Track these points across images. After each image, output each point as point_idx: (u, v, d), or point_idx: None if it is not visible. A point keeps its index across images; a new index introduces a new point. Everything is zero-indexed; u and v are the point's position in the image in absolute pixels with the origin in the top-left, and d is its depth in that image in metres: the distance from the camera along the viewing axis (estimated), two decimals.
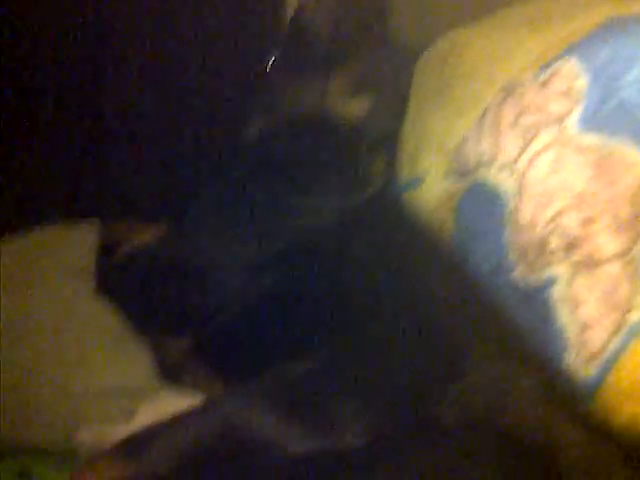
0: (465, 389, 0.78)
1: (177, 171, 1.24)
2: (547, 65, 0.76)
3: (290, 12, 1.21)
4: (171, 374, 1.03)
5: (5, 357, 0.94)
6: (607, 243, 0.66)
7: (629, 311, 0.64)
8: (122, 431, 0.87)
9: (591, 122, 0.71)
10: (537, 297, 0.70)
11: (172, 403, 0.92)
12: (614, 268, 0.66)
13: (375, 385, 0.85)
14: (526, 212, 0.72)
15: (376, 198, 1.07)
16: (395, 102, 1.11)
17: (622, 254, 0.66)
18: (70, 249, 1.14)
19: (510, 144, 0.76)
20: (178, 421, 0.83)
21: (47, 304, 1.02)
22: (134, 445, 0.81)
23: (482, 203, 0.77)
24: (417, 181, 0.85)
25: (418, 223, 0.85)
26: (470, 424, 0.76)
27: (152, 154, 1.28)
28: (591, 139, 0.70)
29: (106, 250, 1.17)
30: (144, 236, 1.18)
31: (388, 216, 0.97)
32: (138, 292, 1.10)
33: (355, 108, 1.09)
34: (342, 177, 1.10)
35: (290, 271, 1.08)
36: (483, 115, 0.80)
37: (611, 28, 0.75)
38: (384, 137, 1.12)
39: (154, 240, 1.17)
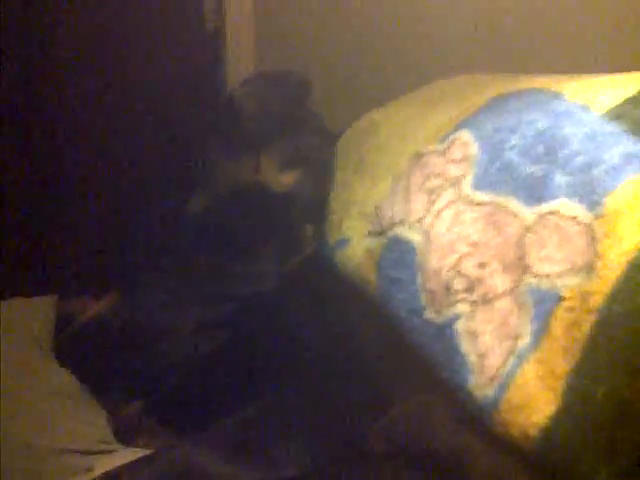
0: (391, 419, 0.88)
1: (125, 243, 1.32)
2: (445, 137, 0.90)
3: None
4: (125, 436, 1.09)
5: None
6: (498, 282, 0.78)
7: (518, 338, 0.75)
8: None
9: (482, 181, 0.84)
10: (445, 332, 0.80)
11: (127, 460, 0.96)
12: (505, 303, 0.77)
13: (312, 424, 0.94)
14: (433, 261, 0.84)
15: (309, 260, 1.17)
16: (320, 174, 1.23)
17: (511, 291, 0.77)
18: (30, 321, 1.22)
19: (418, 204, 0.88)
20: (136, 463, 0.89)
21: (9, 370, 1.08)
22: None
23: (398, 256, 0.88)
24: (344, 242, 0.96)
25: (347, 278, 0.95)
26: (396, 450, 0.85)
27: (101, 228, 1.38)
28: (482, 196, 0.83)
29: (63, 322, 1.25)
30: (97, 307, 1.25)
31: (321, 275, 1.07)
32: (92, 359, 1.17)
33: (284, 180, 1.20)
34: (277, 242, 1.20)
35: (235, 331, 1.16)
36: (395, 182, 0.92)
37: (496, 105, 0.89)
38: (312, 205, 1.23)
39: (106, 310, 1.24)
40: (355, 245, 0.95)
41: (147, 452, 0.99)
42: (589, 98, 0.82)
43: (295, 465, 0.88)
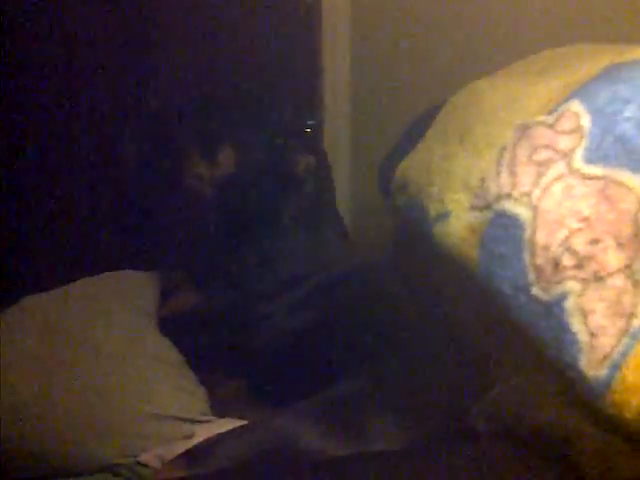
0: (493, 399, 0.86)
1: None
2: (555, 108, 0.87)
3: None
4: (224, 411, 1.12)
5: (79, 384, 1.04)
6: (611, 259, 0.75)
7: (632, 318, 0.72)
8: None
9: (594, 154, 0.80)
10: (553, 310, 0.78)
11: (226, 429, 0.98)
12: (618, 281, 0.74)
13: (409, 402, 0.93)
14: (541, 236, 0.81)
15: (402, 234, 1.16)
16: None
17: (625, 268, 0.74)
18: (138, 292, 1.26)
19: (525, 178, 0.85)
20: (232, 433, 0.91)
21: (117, 336, 1.12)
22: (194, 454, 0.90)
23: (503, 231, 0.86)
24: (445, 215, 0.94)
25: (446, 252, 0.94)
26: (499, 430, 0.84)
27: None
28: (594, 170, 0.80)
29: (165, 296, 1.28)
30: (183, 295, 1.28)
31: (417, 249, 1.06)
32: (190, 338, 1.20)
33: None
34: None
35: (326, 310, 1.17)
36: (500, 154, 0.89)
37: (609, 74, 0.85)
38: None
39: (193, 300, 1.27)
40: (457, 219, 0.93)
41: (245, 423, 1.01)
42: None
43: (390, 441, 0.88)
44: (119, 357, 1.10)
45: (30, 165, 1.40)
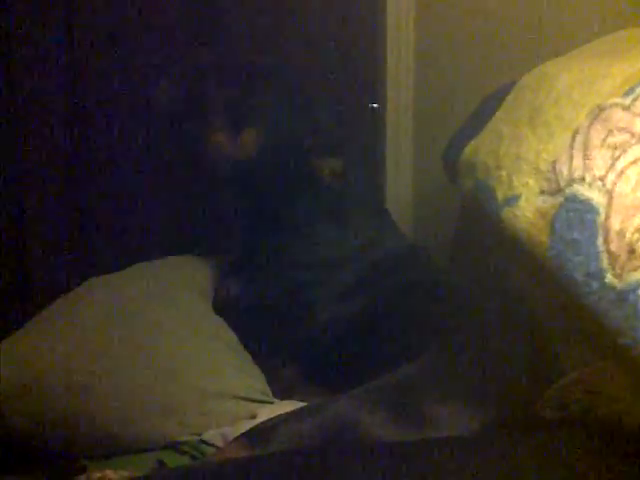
0: (563, 387, 0.84)
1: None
2: (631, 90, 0.84)
3: None
4: (282, 395, 1.12)
5: (143, 363, 1.05)
6: None
7: None
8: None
9: None
10: (628, 297, 0.76)
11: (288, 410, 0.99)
12: None
13: (475, 387, 0.92)
14: (616, 222, 0.79)
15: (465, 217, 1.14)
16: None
17: None
18: (198, 276, 1.27)
19: (599, 161, 0.83)
20: (295, 415, 0.91)
21: (176, 318, 1.14)
22: (257, 434, 0.90)
23: (576, 215, 0.83)
24: (514, 199, 0.93)
25: (515, 236, 0.92)
26: (569, 419, 0.82)
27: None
28: None
29: (221, 279, 1.29)
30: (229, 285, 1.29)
31: (484, 232, 1.04)
32: (247, 325, 1.20)
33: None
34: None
35: (379, 293, 1.16)
36: (573, 137, 0.87)
37: None
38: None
39: (238, 290, 1.27)
40: (527, 202, 0.91)
41: (307, 405, 1.01)
42: None
43: (453, 428, 0.87)
44: (181, 336, 1.11)
45: (95, 152, 1.42)
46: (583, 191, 0.83)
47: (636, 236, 0.77)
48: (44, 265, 1.39)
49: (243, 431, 0.92)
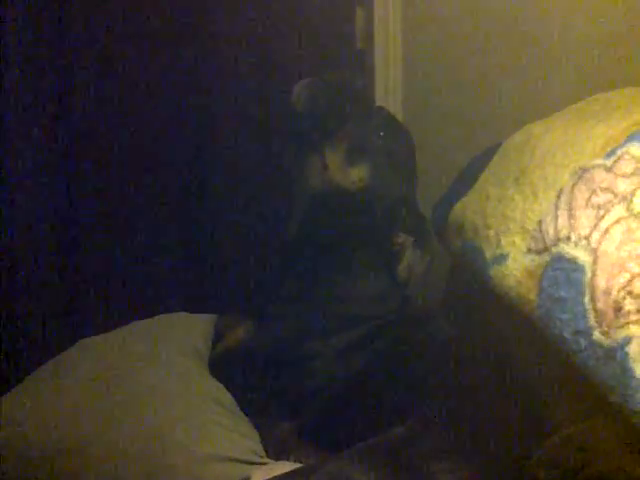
0: (555, 446, 0.85)
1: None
2: (612, 152, 0.86)
3: None
4: (276, 453, 1.11)
5: (134, 425, 1.05)
6: None
7: None
8: None
9: None
10: (616, 355, 0.77)
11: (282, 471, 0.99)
12: None
13: (467, 445, 0.92)
14: (602, 280, 0.80)
15: (456, 276, 1.16)
16: (394, 165, 1.21)
17: None
18: (191, 334, 1.27)
19: (584, 221, 0.85)
20: (294, 474, 0.91)
21: (171, 377, 1.13)
22: None
23: (562, 274, 0.85)
24: (502, 258, 0.94)
25: (503, 295, 0.93)
26: (560, 477, 0.82)
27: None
28: None
29: (217, 338, 1.30)
30: (239, 332, 1.29)
31: (472, 292, 1.05)
32: (240, 381, 1.20)
33: (354, 175, 1.19)
34: (381, 254, 1.19)
35: (375, 352, 1.16)
36: (558, 197, 0.89)
37: None
38: (395, 201, 1.21)
39: (248, 336, 1.28)
40: (514, 261, 0.93)
41: (301, 466, 1.00)
42: None
43: None
44: (173, 398, 1.10)
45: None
46: (569, 250, 0.85)
47: (622, 294, 0.78)
48: (34, 326, 1.38)
49: None
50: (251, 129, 1.48)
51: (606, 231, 0.82)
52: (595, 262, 0.82)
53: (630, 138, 0.86)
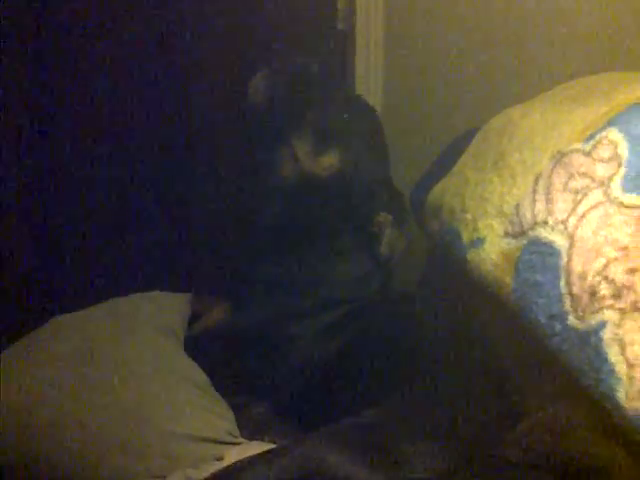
0: (527, 429, 0.85)
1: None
2: (591, 136, 0.86)
3: None
4: (250, 433, 1.11)
5: (108, 404, 1.04)
6: None
7: None
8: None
9: (632, 184, 0.80)
10: (590, 340, 0.77)
11: (256, 452, 0.98)
12: None
13: (441, 427, 0.92)
14: (578, 264, 0.81)
15: (430, 258, 1.16)
16: (368, 148, 1.20)
17: None
18: (167, 313, 1.26)
19: (561, 205, 0.85)
20: (262, 457, 0.91)
21: (146, 356, 1.13)
22: (223, 477, 0.89)
23: (539, 258, 0.85)
24: (479, 241, 0.94)
25: (479, 278, 0.93)
26: (532, 461, 0.83)
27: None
28: (633, 199, 0.79)
29: (194, 318, 1.29)
30: (216, 313, 1.29)
31: (449, 275, 1.05)
32: (216, 362, 1.20)
33: (326, 162, 1.18)
34: (361, 235, 1.19)
35: (353, 334, 1.16)
36: (536, 181, 0.89)
37: None
38: (373, 183, 1.21)
39: (225, 317, 1.27)
40: (491, 245, 0.92)
41: (274, 446, 1.00)
42: None
43: (425, 467, 0.87)
44: (147, 377, 1.10)
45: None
46: (546, 234, 0.85)
47: (597, 279, 0.79)
48: (7, 303, 1.37)
49: (209, 474, 0.92)
50: (230, 118, 1.46)
51: (583, 216, 0.82)
52: (571, 246, 0.82)
53: (609, 123, 0.86)
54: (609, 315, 0.77)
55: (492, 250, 0.92)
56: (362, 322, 1.20)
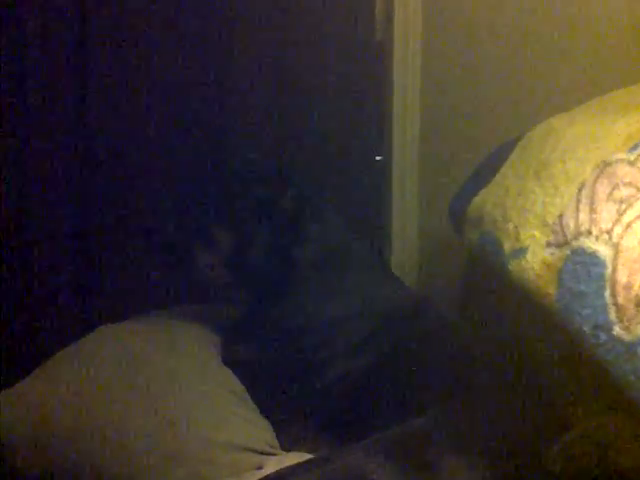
0: (571, 440, 0.84)
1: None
2: (636, 146, 0.86)
3: None
4: (289, 445, 1.12)
5: (152, 411, 1.06)
6: None
7: None
8: None
9: None
10: (637, 350, 0.76)
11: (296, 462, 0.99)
12: None
13: (483, 440, 0.92)
14: (623, 275, 0.80)
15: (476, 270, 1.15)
16: None
17: None
18: (204, 325, 1.28)
19: (606, 215, 0.84)
20: (303, 467, 0.91)
21: (185, 367, 1.14)
22: None
23: (583, 268, 0.84)
24: (521, 251, 0.93)
25: (522, 289, 0.92)
26: (577, 472, 0.82)
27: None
28: None
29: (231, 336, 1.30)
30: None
31: (493, 285, 1.05)
32: (256, 381, 1.21)
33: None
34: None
35: (387, 347, 1.16)
36: (579, 191, 0.88)
37: None
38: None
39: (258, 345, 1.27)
40: (533, 255, 0.92)
41: (314, 456, 1.01)
42: None
43: (466, 479, 0.87)
44: (189, 386, 1.11)
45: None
46: (590, 244, 0.84)
47: None
48: (53, 311, 1.39)
49: None
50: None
51: (628, 225, 0.82)
52: (616, 257, 0.81)
53: None
54: None
55: (534, 260, 0.91)
56: (400, 334, 1.19)
